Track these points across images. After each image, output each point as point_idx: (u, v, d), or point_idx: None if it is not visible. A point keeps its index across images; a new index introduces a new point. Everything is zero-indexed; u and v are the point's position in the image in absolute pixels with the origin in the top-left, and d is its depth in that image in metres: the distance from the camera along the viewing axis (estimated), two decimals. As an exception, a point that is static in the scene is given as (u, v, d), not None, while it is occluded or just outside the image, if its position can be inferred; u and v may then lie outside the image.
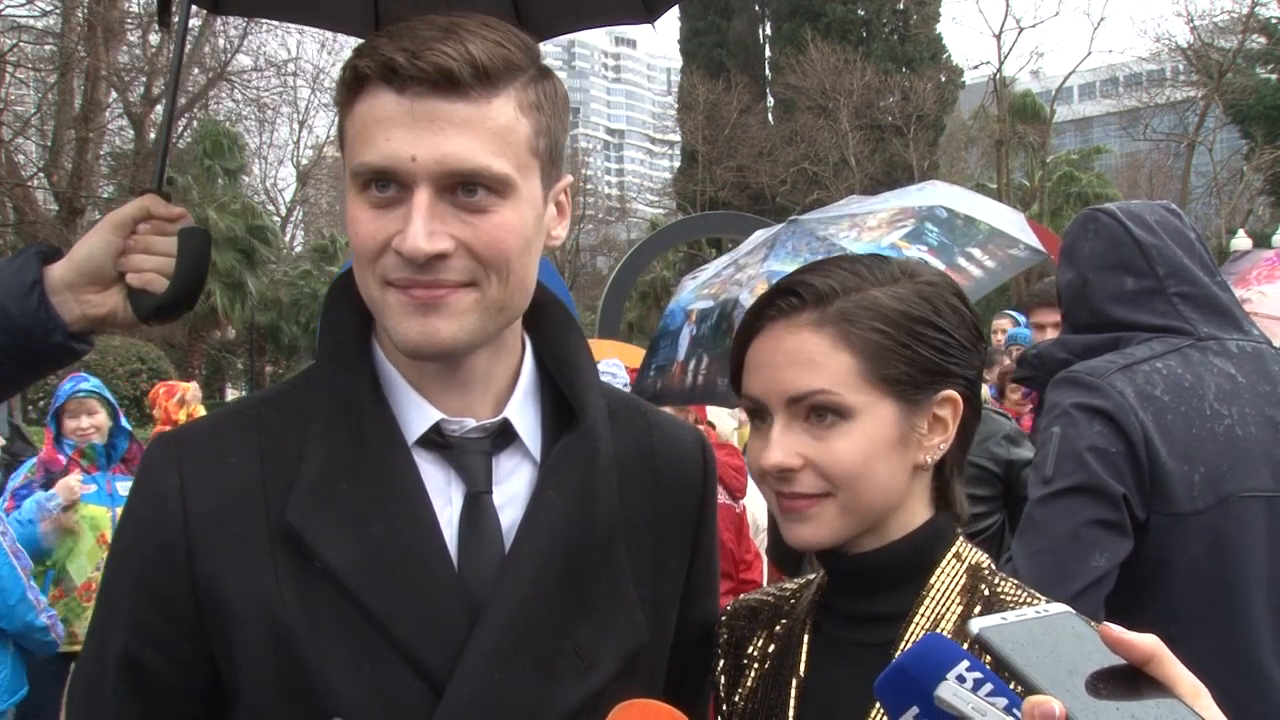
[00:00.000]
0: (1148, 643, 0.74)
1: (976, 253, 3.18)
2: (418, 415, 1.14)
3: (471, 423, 1.15)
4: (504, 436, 1.17)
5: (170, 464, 1.12)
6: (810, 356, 1.16)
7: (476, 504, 1.13)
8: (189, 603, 1.09)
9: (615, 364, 7.65)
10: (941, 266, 3.03)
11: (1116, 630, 0.75)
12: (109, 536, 4.47)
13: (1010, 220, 3.47)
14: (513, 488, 1.16)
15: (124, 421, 5.30)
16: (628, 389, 7.23)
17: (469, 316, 1.08)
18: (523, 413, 1.19)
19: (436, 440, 1.14)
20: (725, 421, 4.04)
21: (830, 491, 1.17)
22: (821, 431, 1.16)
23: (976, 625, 0.76)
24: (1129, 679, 0.74)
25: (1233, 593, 1.81)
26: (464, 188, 1.05)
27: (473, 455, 1.15)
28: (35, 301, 1.36)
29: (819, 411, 1.16)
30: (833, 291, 1.18)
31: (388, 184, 1.05)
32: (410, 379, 1.15)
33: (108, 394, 5.24)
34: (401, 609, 1.06)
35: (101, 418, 5.13)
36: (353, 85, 1.06)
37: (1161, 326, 1.97)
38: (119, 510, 4.71)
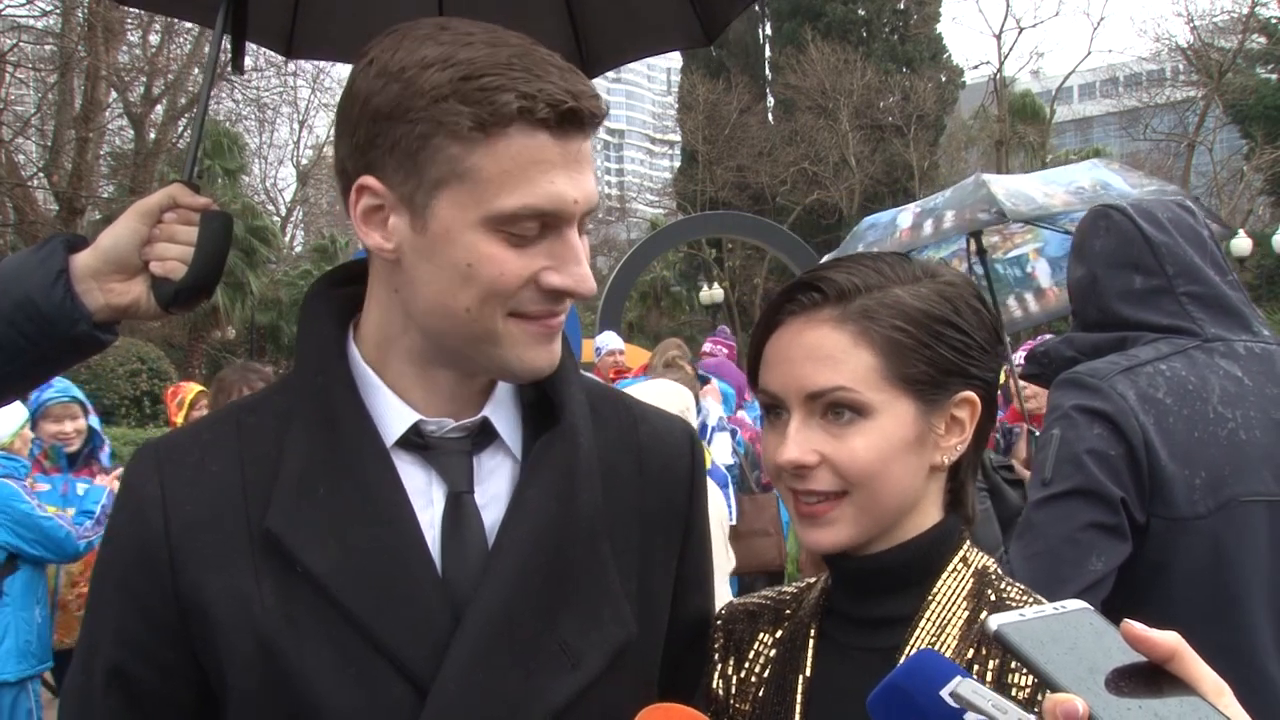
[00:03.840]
0: (1169, 640, 0.74)
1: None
2: (395, 416, 1.13)
3: (450, 423, 1.15)
4: (484, 436, 1.17)
5: (151, 474, 1.12)
6: (830, 353, 1.16)
7: (458, 504, 1.13)
8: (173, 612, 1.09)
9: (608, 335, 7.68)
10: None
11: (1138, 627, 0.74)
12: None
13: None
14: (494, 487, 1.16)
15: (93, 420, 5.36)
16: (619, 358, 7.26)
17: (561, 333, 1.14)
18: (502, 411, 1.18)
19: (416, 441, 1.14)
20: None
21: (846, 490, 1.16)
22: (839, 429, 1.16)
23: (995, 622, 0.75)
24: (1150, 677, 0.73)
25: (1232, 596, 1.80)
26: (584, 219, 1.09)
27: (453, 455, 1.15)
28: (61, 291, 1.35)
29: (837, 409, 1.16)
30: (855, 288, 1.17)
31: (538, 225, 1.05)
32: (389, 381, 1.15)
33: (82, 395, 5.29)
34: (383, 611, 1.06)
35: (83, 422, 5.20)
36: (503, 121, 1.02)
37: (1168, 327, 1.95)
38: (70, 512, 4.82)
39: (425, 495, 1.13)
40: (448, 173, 1.03)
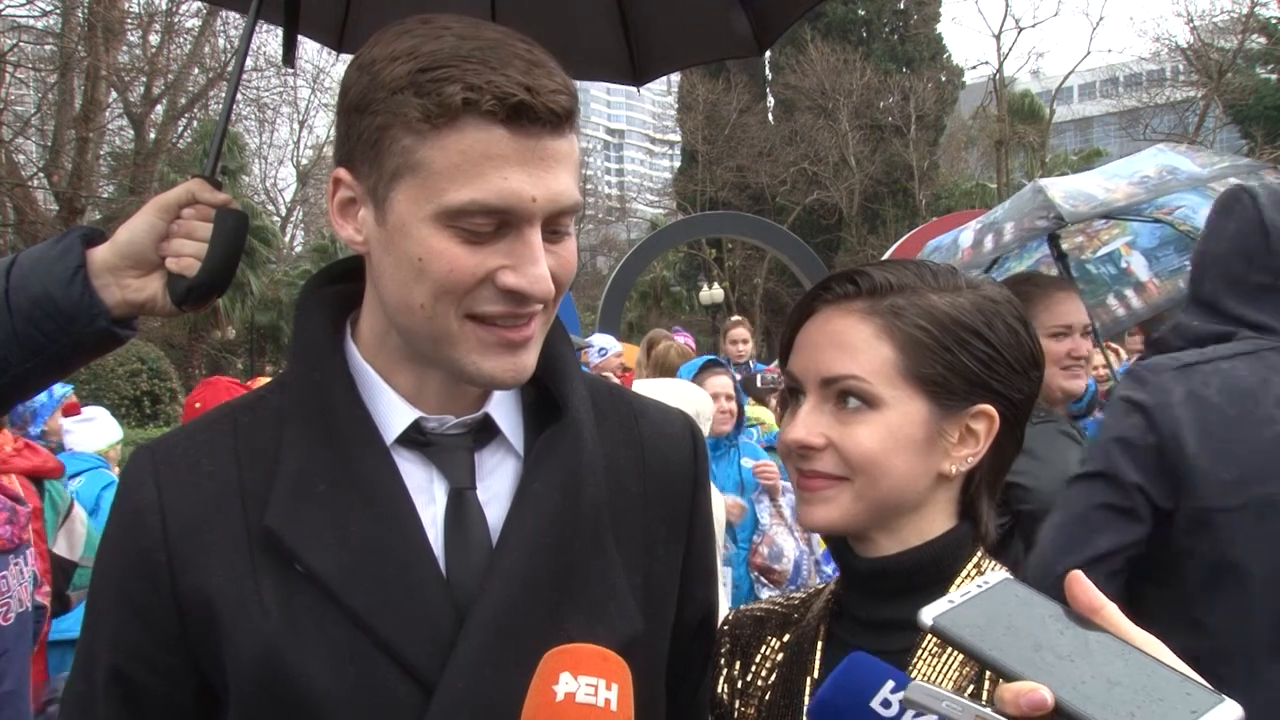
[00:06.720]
0: (1094, 596, 0.75)
1: None
2: (395, 414, 1.13)
3: (451, 419, 1.14)
4: (486, 432, 1.16)
5: (147, 476, 1.12)
6: (851, 342, 1.19)
7: (460, 500, 1.13)
8: (172, 615, 1.09)
9: (607, 338, 7.66)
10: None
11: (1081, 578, 0.76)
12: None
13: None
14: (497, 484, 1.15)
15: None
16: (616, 359, 7.24)
17: (539, 341, 1.11)
18: (504, 407, 1.18)
19: (416, 438, 1.13)
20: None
21: (848, 476, 1.18)
22: (846, 416, 1.18)
23: (928, 615, 0.74)
24: (1084, 642, 0.73)
25: (1243, 589, 1.84)
26: (556, 220, 1.05)
27: (454, 452, 1.14)
28: (79, 287, 1.34)
29: (846, 396, 1.18)
30: (889, 286, 1.20)
31: (492, 221, 1.02)
32: (388, 378, 1.14)
33: None
34: (386, 609, 1.05)
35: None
36: (449, 113, 1.00)
37: (1261, 325, 1.97)
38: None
39: (427, 493, 1.13)
40: (402, 165, 1.02)
